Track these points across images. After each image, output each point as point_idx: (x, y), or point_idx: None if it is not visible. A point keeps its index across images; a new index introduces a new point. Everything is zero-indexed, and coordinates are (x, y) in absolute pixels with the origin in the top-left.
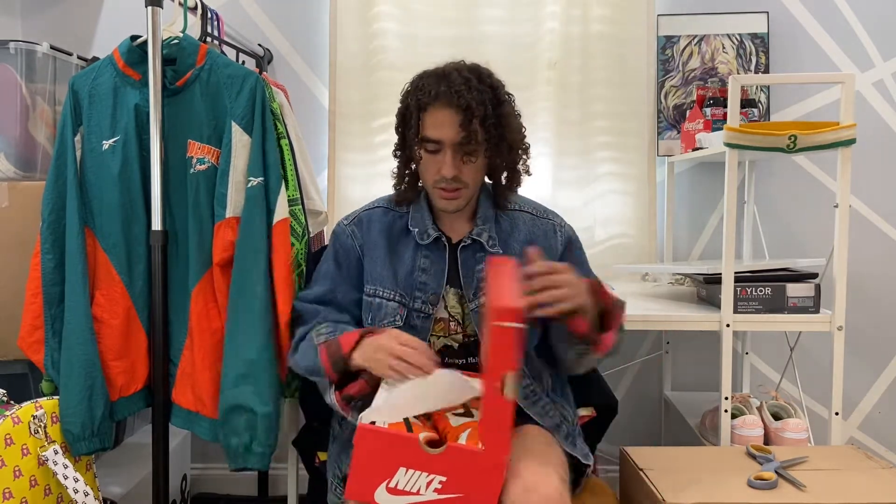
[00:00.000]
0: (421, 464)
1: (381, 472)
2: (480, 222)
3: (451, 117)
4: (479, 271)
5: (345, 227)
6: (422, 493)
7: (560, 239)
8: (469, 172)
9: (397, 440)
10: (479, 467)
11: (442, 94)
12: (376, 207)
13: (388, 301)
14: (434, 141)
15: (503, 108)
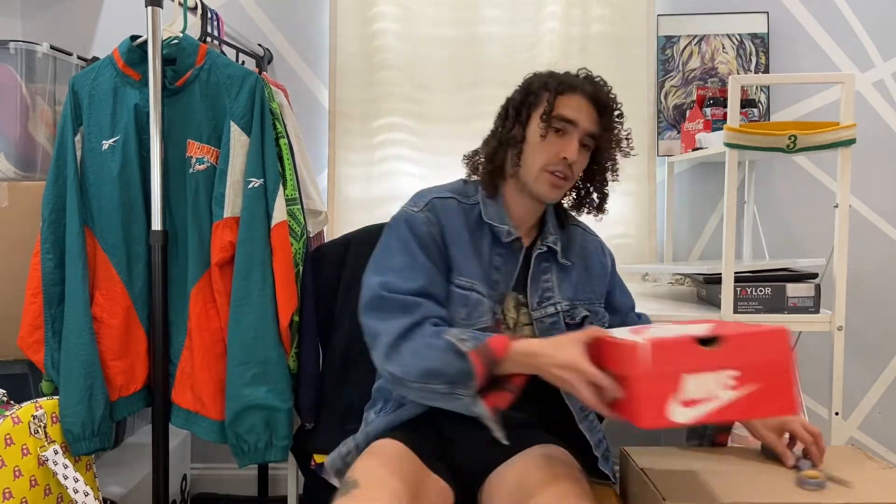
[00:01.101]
0: (705, 364)
1: (669, 389)
2: (552, 231)
3: (589, 108)
4: (545, 281)
5: (417, 214)
6: (718, 396)
7: (608, 256)
8: (580, 163)
9: (676, 346)
10: (767, 349)
11: (585, 86)
12: (449, 198)
13: (484, 297)
14: (569, 121)
15: (622, 119)
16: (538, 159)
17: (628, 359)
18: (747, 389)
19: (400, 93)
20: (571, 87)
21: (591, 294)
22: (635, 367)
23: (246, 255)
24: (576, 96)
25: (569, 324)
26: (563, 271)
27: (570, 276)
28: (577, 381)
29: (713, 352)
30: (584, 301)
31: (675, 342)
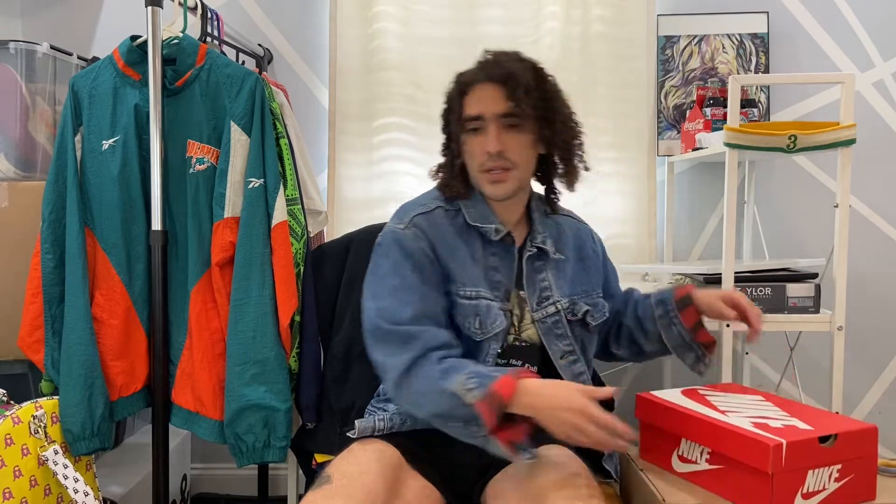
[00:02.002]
0: (823, 460)
1: (797, 484)
2: (540, 228)
3: (492, 90)
4: (542, 280)
5: (404, 231)
6: (827, 488)
7: (598, 244)
8: (515, 148)
9: (804, 445)
10: (864, 444)
11: (481, 70)
12: (434, 209)
13: (491, 302)
14: (475, 117)
15: (548, 84)
16: (472, 164)
17: (760, 454)
18: (845, 480)
19: (400, 93)
20: (471, 81)
21: (589, 286)
22: (769, 464)
23: (246, 256)
24: (477, 87)
25: (570, 320)
26: (558, 267)
27: (566, 271)
28: (584, 423)
29: (829, 449)
30: (583, 294)
31: (804, 442)
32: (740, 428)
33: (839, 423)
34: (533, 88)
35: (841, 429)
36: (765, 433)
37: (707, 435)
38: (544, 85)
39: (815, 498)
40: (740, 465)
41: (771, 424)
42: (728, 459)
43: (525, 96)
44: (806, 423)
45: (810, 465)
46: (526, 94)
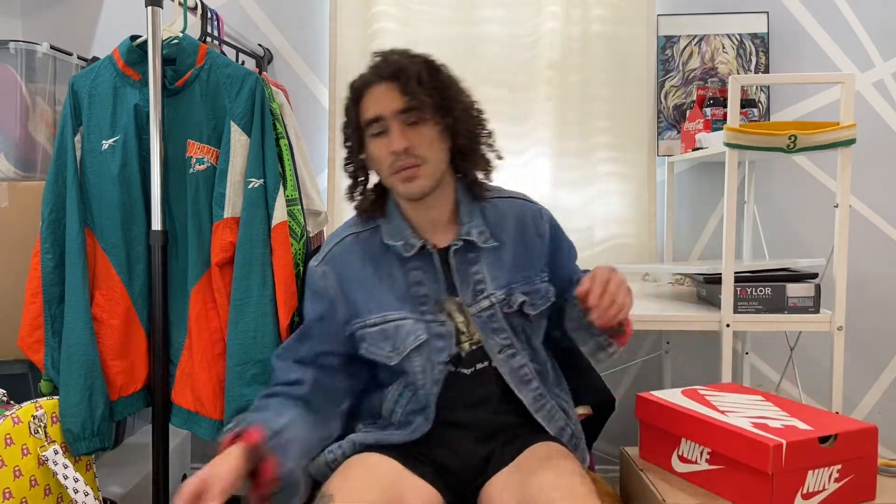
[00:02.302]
0: (823, 460)
1: (797, 484)
2: (466, 219)
3: (387, 88)
4: (475, 273)
5: (315, 269)
6: (827, 488)
7: (546, 221)
8: (422, 143)
9: (804, 445)
10: (864, 444)
11: (371, 72)
12: (345, 237)
13: (402, 321)
14: (375, 119)
15: (441, 74)
16: (381, 168)
17: (760, 454)
18: (845, 480)
19: None
20: (362, 85)
21: (531, 270)
22: (769, 464)
23: (246, 256)
24: (372, 89)
25: (507, 313)
26: (493, 256)
27: (503, 258)
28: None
29: (829, 449)
30: (523, 281)
31: (804, 442)
32: (740, 428)
33: (839, 423)
34: (427, 80)
35: (841, 429)
36: (765, 433)
37: (707, 435)
38: (438, 75)
39: (815, 498)
40: (740, 465)
41: (771, 424)
42: (728, 459)
43: (419, 88)
44: (806, 424)
45: (810, 465)
46: (420, 86)
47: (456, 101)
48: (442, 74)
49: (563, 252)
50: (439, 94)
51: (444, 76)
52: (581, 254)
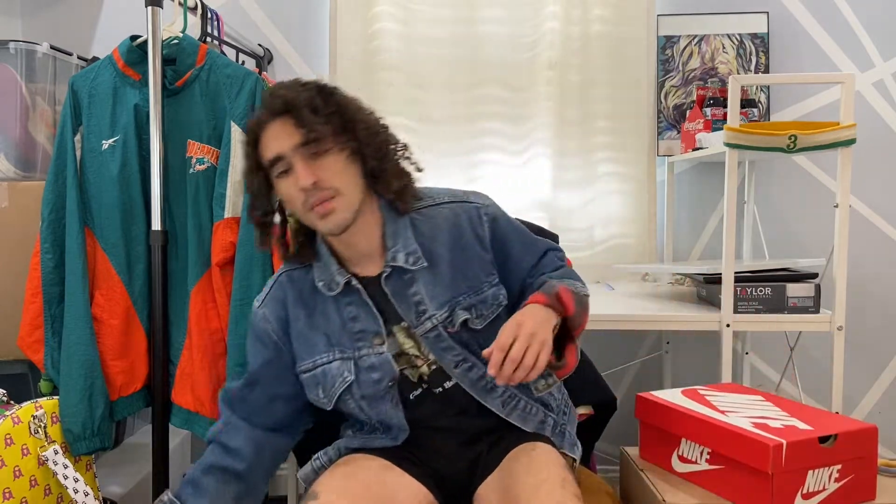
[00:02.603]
0: (823, 460)
1: (797, 484)
2: (391, 243)
3: (282, 125)
4: (413, 294)
5: (257, 312)
6: (827, 488)
7: (486, 222)
8: (330, 174)
9: (804, 445)
10: (863, 444)
11: (263, 111)
12: (279, 277)
13: (329, 364)
14: (277, 158)
15: (336, 97)
16: (296, 207)
17: (760, 454)
18: (845, 480)
19: (400, 93)
20: (257, 126)
21: (475, 280)
22: (769, 464)
23: (246, 256)
24: (267, 129)
25: (451, 333)
26: (428, 274)
27: (440, 274)
28: None
29: (829, 449)
30: (467, 291)
31: (804, 442)
32: (740, 428)
33: (839, 423)
34: (321, 107)
35: (841, 429)
36: (765, 433)
37: (707, 435)
38: (332, 99)
39: (815, 498)
40: (740, 465)
41: (771, 424)
42: (728, 459)
43: (315, 117)
44: (806, 424)
45: (810, 465)
46: (315, 115)
47: (357, 121)
48: (336, 97)
49: (513, 247)
50: (337, 118)
51: (338, 99)
52: (581, 254)
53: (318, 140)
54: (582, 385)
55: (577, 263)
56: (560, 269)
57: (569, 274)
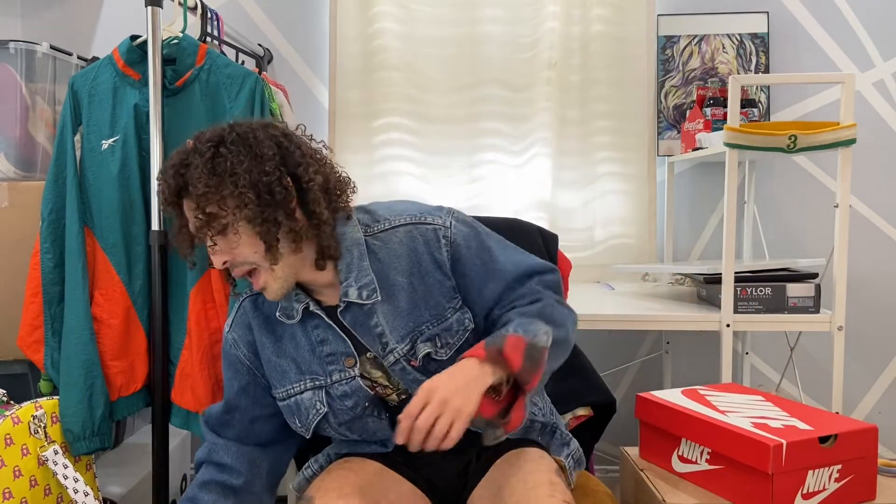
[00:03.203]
0: (823, 460)
1: (797, 485)
2: (343, 276)
3: (186, 204)
4: (375, 326)
5: (227, 337)
6: (827, 488)
7: (444, 245)
8: (242, 252)
9: (804, 445)
10: (863, 444)
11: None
12: (243, 301)
13: (301, 394)
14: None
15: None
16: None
17: (760, 454)
18: (845, 480)
19: (400, 93)
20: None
21: (436, 307)
22: (769, 464)
23: None
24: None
25: (416, 367)
26: (387, 305)
27: (399, 304)
28: None
29: (829, 449)
30: (429, 322)
31: (804, 442)
32: (740, 428)
33: (839, 423)
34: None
35: (841, 429)
36: (765, 433)
37: (707, 435)
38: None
39: (816, 498)
40: (740, 465)
41: (771, 425)
42: (728, 459)
43: (207, 194)
44: (806, 424)
45: (810, 465)
46: (208, 191)
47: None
48: (228, 161)
49: (475, 274)
50: (232, 185)
51: (233, 160)
52: (581, 254)
53: (215, 219)
54: (581, 385)
55: (577, 263)
56: (537, 304)
57: (544, 312)
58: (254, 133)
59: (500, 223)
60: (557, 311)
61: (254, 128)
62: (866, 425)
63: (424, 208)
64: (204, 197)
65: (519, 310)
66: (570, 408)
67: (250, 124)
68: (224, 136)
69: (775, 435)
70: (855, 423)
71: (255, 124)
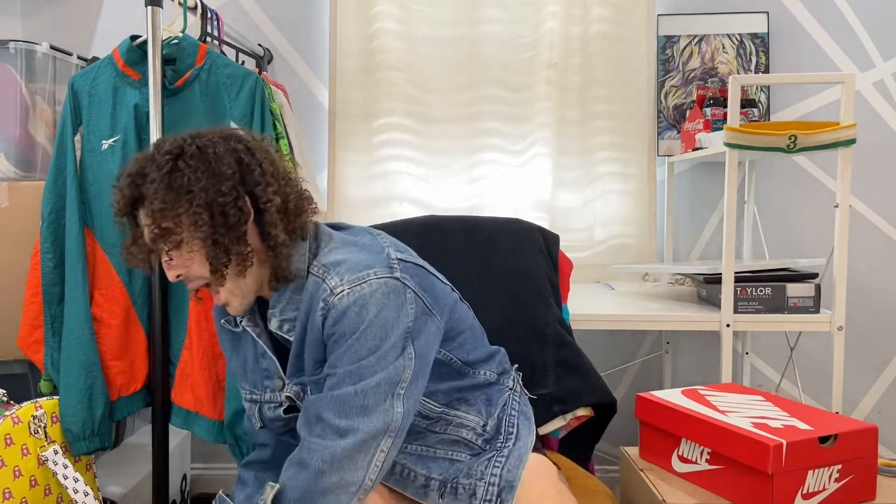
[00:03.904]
0: (823, 460)
1: (797, 484)
2: (272, 303)
3: (143, 213)
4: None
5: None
6: (827, 488)
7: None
8: (196, 267)
9: (804, 445)
10: (863, 444)
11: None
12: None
13: (246, 402)
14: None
15: (186, 175)
16: None
17: (760, 454)
18: (845, 480)
19: (400, 93)
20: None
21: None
22: (769, 464)
23: None
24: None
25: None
26: (297, 344)
27: (304, 348)
28: None
29: (829, 449)
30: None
31: (804, 442)
32: (740, 428)
33: (839, 423)
34: (168, 198)
35: (841, 429)
36: (765, 433)
37: (707, 435)
38: (181, 180)
39: (816, 498)
40: (740, 465)
41: (771, 425)
42: (728, 460)
43: (163, 208)
44: (806, 424)
45: (810, 465)
46: (164, 205)
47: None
48: (186, 177)
49: (332, 353)
50: (188, 202)
51: (187, 178)
52: (581, 254)
53: (170, 233)
54: (582, 387)
55: (578, 263)
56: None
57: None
58: (214, 147)
59: (500, 223)
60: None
61: (214, 141)
62: (866, 425)
63: (334, 263)
64: (160, 212)
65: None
66: (571, 408)
67: (211, 136)
68: (184, 147)
69: (775, 435)
70: (855, 423)
71: (217, 136)
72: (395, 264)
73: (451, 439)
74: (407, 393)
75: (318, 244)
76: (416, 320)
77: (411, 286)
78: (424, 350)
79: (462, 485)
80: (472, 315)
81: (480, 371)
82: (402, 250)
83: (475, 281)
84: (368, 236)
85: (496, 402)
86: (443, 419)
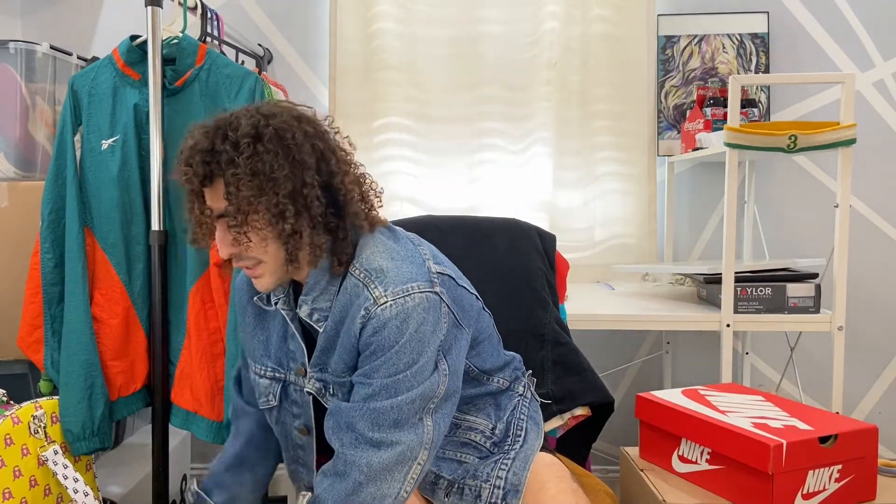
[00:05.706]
0: (824, 460)
1: (798, 485)
2: (305, 289)
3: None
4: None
5: (239, 278)
6: (827, 488)
7: (360, 325)
8: (252, 246)
9: (804, 445)
10: (864, 444)
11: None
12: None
13: (261, 378)
14: (207, 210)
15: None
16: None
17: (760, 454)
18: (845, 480)
19: (400, 93)
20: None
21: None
22: (769, 465)
23: None
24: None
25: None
26: (326, 337)
27: (333, 344)
28: None
29: (829, 449)
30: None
31: (804, 442)
32: (740, 428)
33: (839, 423)
34: (248, 171)
35: (841, 429)
36: (765, 433)
37: (707, 435)
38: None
39: (816, 498)
40: (740, 465)
41: (771, 425)
42: (728, 460)
43: (238, 187)
44: (806, 424)
45: (810, 465)
46: (239, 183)
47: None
48: (268, 164)
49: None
50: (272, 197)
51: (270, 165)
52: (581, 254)
53: (246, 221)
54: (580, 386)
55: (577, 263)
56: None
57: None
58: (292, 132)
59: (497, 223)
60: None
61: (290, 125)
62: (866, 425)
63: (376, 272)
64: (246, 200)
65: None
66: (569, 407)
67: (283, 118)
68: (259, 129)
69: (775, 435)
70: (855, 424)
71: (288, 117)
72: (435, 278)
73: (461, 441)
74: (437, 408)
75: (359, 240)
76: (447, 334)
77: (446, 300)
78: (457, 364)
79: (468, 486)
80: (493, 324)
81: (494, 378)
82: (440, 261)
83: (472, 281)
84: (410, 245)
85: (505, 406)
86: (453, 423)
